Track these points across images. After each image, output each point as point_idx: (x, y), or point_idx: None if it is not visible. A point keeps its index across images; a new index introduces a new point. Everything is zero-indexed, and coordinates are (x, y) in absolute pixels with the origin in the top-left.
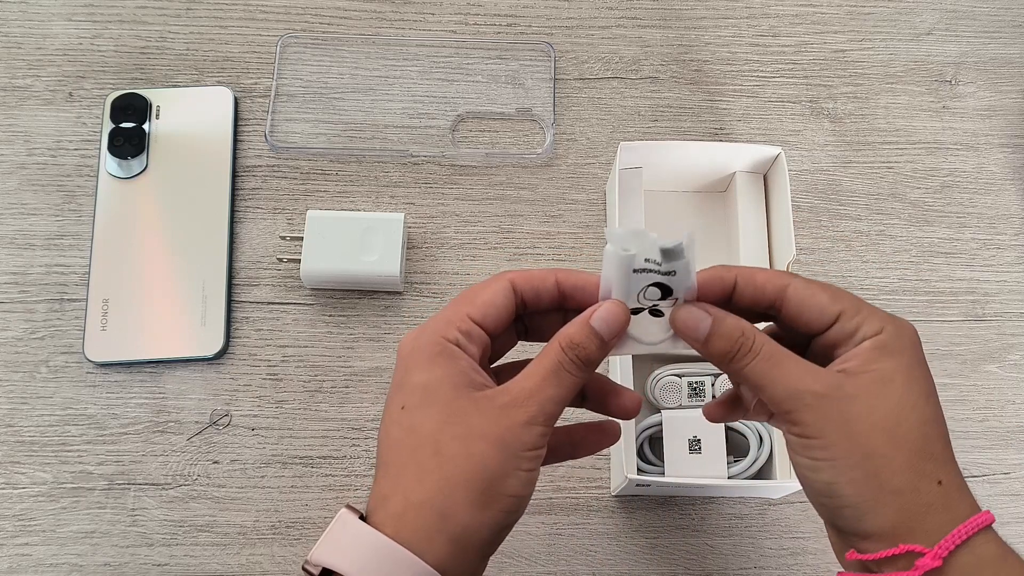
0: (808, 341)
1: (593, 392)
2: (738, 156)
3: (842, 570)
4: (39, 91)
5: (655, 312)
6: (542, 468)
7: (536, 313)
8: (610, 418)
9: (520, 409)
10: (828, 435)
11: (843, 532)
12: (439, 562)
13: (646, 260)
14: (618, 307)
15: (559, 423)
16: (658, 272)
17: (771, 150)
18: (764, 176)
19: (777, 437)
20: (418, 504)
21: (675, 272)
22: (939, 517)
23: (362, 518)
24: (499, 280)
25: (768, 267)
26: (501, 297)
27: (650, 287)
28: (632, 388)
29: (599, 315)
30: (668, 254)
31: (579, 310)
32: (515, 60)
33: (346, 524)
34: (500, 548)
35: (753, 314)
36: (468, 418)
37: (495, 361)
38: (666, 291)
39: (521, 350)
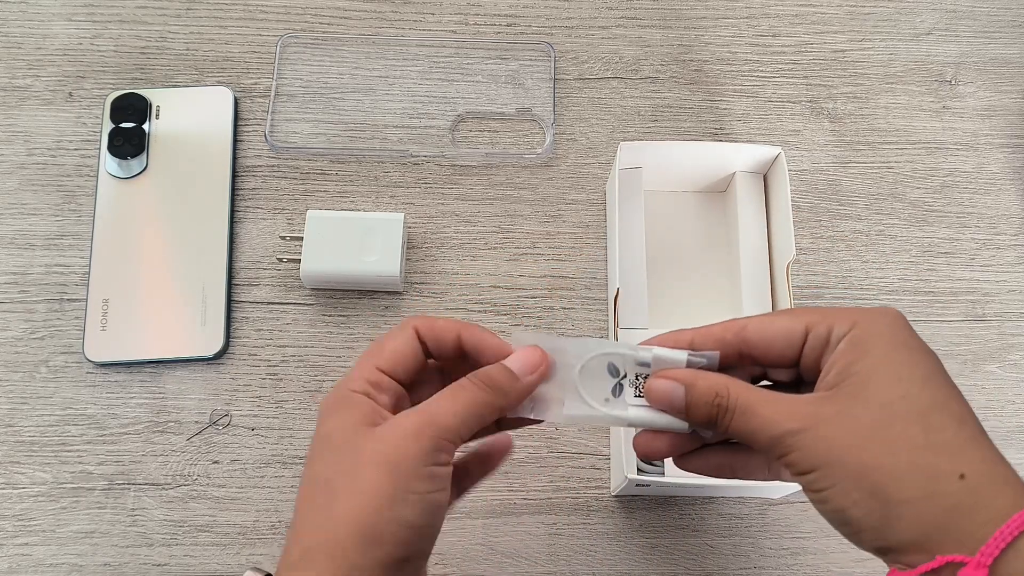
0: (798, 374)
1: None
2: (738, 156)
3: None
4: (39, 91)
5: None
6: (542, 469)
7: (449, 360)
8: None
9: (407, 419)
10: (820, 466)
11: (882, 553)
12: None
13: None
14: (534, 352)
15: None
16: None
17: (771, 150)
18: (764, 176)
19: None
20: (309, 549)
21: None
22: (971, 518)
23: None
24: (404, 329)
25: (768, 267)
26: (407, 346)
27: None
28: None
29: (515, 357)
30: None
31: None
32: (515, 60)
33: None
34: (500, 548)
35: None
36: (360, 452)
37: None
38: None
39: None
